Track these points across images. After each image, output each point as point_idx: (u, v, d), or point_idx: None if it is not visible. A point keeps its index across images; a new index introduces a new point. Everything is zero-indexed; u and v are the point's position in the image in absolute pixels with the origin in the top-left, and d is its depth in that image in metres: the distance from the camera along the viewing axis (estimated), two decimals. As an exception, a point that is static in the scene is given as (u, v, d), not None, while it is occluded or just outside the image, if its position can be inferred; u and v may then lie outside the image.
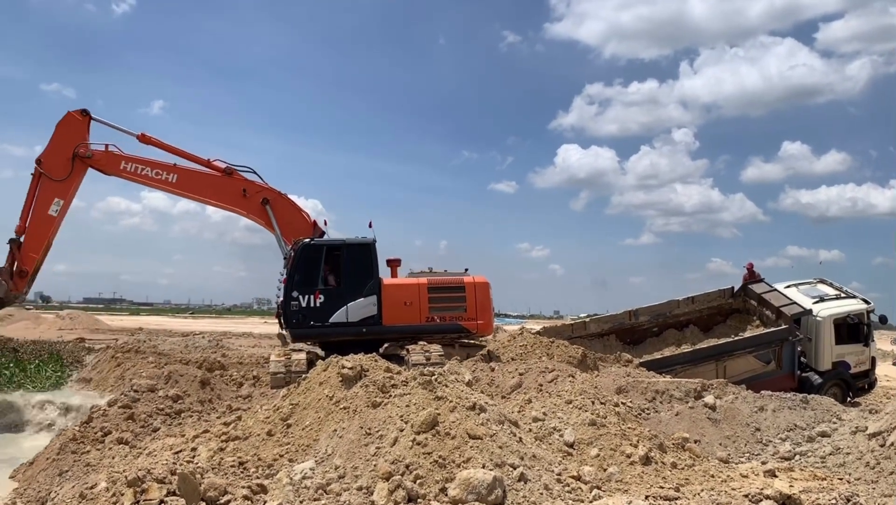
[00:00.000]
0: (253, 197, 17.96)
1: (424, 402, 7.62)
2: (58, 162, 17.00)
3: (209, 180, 18.09)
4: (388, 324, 16.45)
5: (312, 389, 8.86)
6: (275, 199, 18.11)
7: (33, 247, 17.09)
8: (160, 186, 18.13)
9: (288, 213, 18.17)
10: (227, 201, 18.27)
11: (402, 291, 16.86)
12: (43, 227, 17.09)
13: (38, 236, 17.10)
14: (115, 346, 22.83)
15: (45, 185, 17.07)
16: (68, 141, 17.20)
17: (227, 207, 18.48)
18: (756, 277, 20.24)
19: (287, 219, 18.08)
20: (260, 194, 17.99)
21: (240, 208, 18.33)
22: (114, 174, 17.77)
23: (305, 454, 7.50)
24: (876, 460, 8.84)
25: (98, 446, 10.07)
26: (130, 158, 17.79)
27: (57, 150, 17.13)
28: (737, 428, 11.02)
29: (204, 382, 13.68)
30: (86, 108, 17.64)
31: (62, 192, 17.13)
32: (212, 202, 18.63)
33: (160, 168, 17.78)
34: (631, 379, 13.64)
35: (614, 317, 20.10)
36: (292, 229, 17.81)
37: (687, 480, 7.72)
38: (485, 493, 6.25)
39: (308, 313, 15.91)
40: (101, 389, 17.86)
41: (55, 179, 16.96)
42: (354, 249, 16.47)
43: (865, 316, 19.12)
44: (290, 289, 15.92)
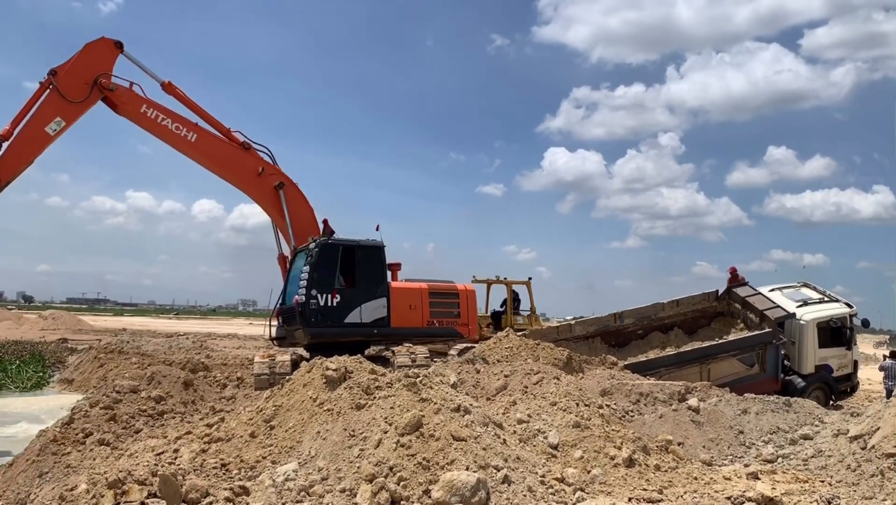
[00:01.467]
0: (267, 179, 17.17)
1: (409, 403, 7.59)
2: (74, 83, 15.74)
3: (228, 150, 17.08)
4: (395, 326, 16.61)
5: (296, 390, 8.81)
6: (289, 186, 17.38)
7: (18, 157, 15.26)
8: (176, 143, 16.72)
9: (299, 205, 17.52)
10: (241, 177, 17.31)
11: (408, 294, 17.09)
12: (34, 142, 15.44)
13: (26, 148, 15.35)
14: (98, 346, 22.69)
15: (51, 101, 15.56)
16: (92, 65, 16.01)
17: (238, 184, 17.49)
18: (740, 281, 20.36)
19: (297, 211, 17.41)
20: (275, 177, 17.21)
21: (251, 188, 17.40)
22: (127, 115, 16.53)
23: (288, 456, 7.46)
24: (857, 463, 8.89)
25: (79, 448, 9.96)
26: (154, 104, 16.60)
27: (77, 71, 15.85)
28: (720, 430, 11.07)
29: (187, 384, 13.59)
30: (122, 41, 16.38)
31: (68, 114, 15.72)
32: (225, 174, 17.48)
33: (182, 123, 16.62)
34: (615, 381, 13.67)
35: (599, 319, 20.16)
36: (300, 223, 17.26)
37: (670, 483, 7.74)
38: (468, 495, 6.24)
39: (326, 312, 15.69)
40: (83, 389, 17.72)
41: (67, 99, 15.57)
42: (368, 251, 16.51)
43: (848, 320, 19.30)
44: (311, 287, 15.56)
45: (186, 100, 16.94)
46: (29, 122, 15.32)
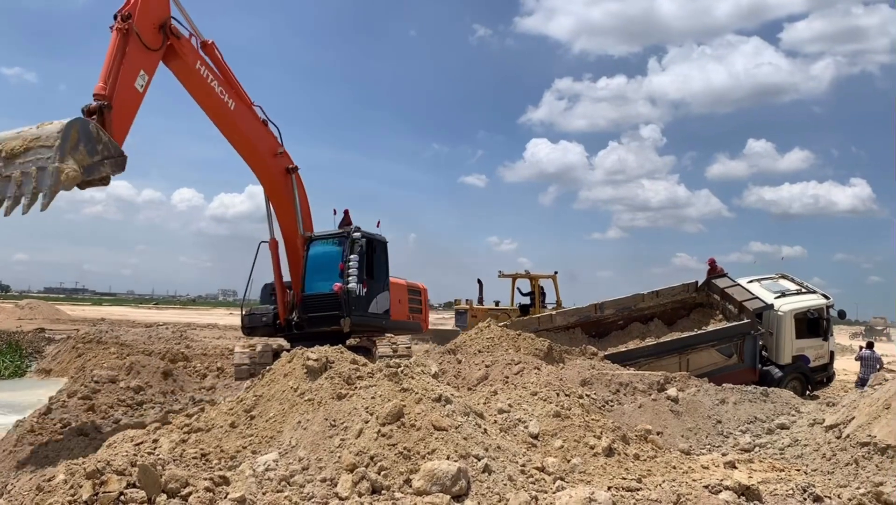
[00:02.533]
0: (282, 160, 16.38)
1: (390, 393, 7.60)
2: (148, 26, 12.85)
3: (257, 125, 15.87)
4: (393, 318, 17.39)
5: (277, 380, 8.78)
6: (297, 173, 16.79)
7: (121, 124, 12.39)
8: (214, 108, 14.87)
9: (304, 194, 17.05)
10: (261, 156, 16.10)
11: (397, 289, 18.07)
12: (131, 102, 12.59)
13: (126, 112, 12.49)
14: (76, 336, 22.47)
15: (134, 51, 12.65)
16: (157, 8, 13.18)
17: (255, 162, 16.11)
18: (719, 272, 20.52)
19: (304, 197, 16.96)
20: (287, 160, 16.50)
21: (266, 168, 16.23)
22: (178, 70, 14.09)
23: (269, 446, 7.44)
24: (832, 452, 9.03)
25: (57, 438, 9.89)
26: (205, 62, 14.49)
27: (147, 13, 12.83)
28: (698, 420, 11.18)
29: (167, 374, 13.53)
30: None
31: (149, 66, 13.01)
32: (247, 151, 15.94)
33: (226, 88, 14.91)
34: (595, 371, 13.76)
35: (580, 310, 20.24)
36: (306, 210, 16.98)
37: (649, 472, 7.82)
38: (449, 484, 6.26)
39: (360, 301, 16.09)
40: (61, 379, 17.56)
41: (147, 46, 12.80)
42: (383, 245, 17.38)
43: (825, 311, 19.53)
44: (360, 276, 15.95)
45: (223, 65, 15.16)
46: (122, 80, 12.45)
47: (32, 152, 10.51)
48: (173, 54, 13.70)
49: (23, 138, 10.58)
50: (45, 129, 10.53)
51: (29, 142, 10.54)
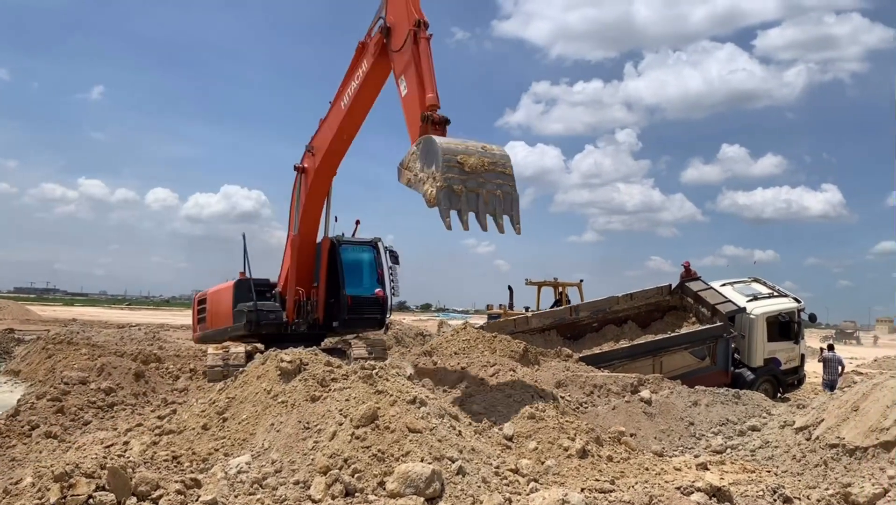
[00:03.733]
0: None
1: (364, 396, 7.57)
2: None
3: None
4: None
5: (250, 382, 8.72)
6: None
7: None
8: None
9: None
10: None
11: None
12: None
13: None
14: (46, 337, 22.11)
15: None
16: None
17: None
18: (693, 276, 20.70)
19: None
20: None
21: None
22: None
23: (241, 448, 7.38)
24: (802, 453, 9.14)
25: (25, 440, 9.73)
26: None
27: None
28: (671, 422, 11.27)
29: (138, 375, 13.35)
30: None
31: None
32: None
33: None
34: (570, 373, 13.83)
35: (556, 312, 20.34)
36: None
37: (622, 473, 7.86)
38: (423, 486, 6.25)
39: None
40: (30, 381, 17.27)
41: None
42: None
43: (796, 314, 19.76)
44: (393, 283, 16.81)
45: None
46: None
47: (490, 174, 10.94)
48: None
49: (479, 156, 10.98)
50: (495, 153, 11.09)
51: (487, 163, 10.97)
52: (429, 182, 10.76)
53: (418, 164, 11.17)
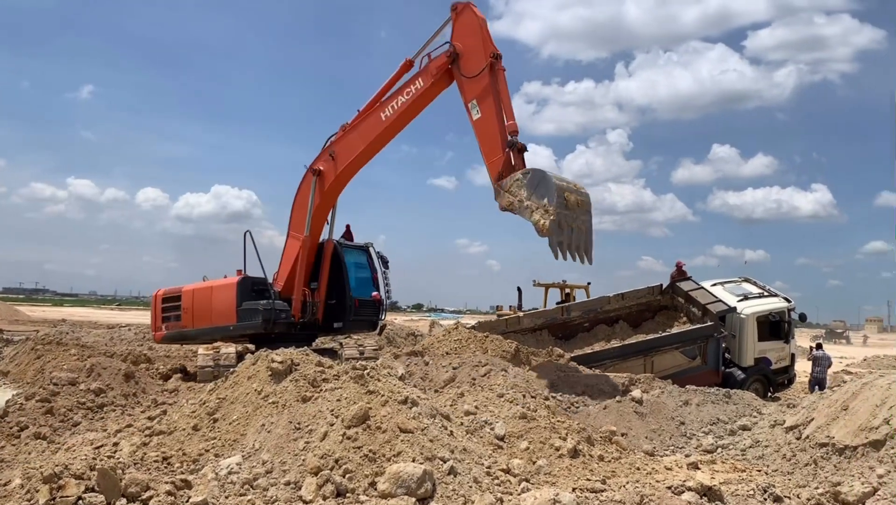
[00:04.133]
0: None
1: (356, 396, 7.56)
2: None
3: None
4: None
5: (241, 383, 8.68)
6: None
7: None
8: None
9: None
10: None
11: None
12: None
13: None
14: (35, 337, 21.97)
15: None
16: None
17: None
18: (684, 276, 20.76)
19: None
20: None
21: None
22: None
23: (232, 449, 7.36)
24: (792, 453, 9.18)
25: (13, 442, 9.65)
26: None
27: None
28: (662, 422, 11.29)
29: (128, 376, 13.26)
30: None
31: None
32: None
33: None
34: (562, 373, 13.85)
35: (547, 312, 20.37)
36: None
37: (613, 473, 7.87)
38: (414, 486, 6.25)
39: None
40: (19, 382, 17.16)
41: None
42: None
43: (786, 314, 19.84)
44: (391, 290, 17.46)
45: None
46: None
47: (580, 210, 12.49)
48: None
49: (576, 195, 12.56)
50: (583, 192, 12.88)
51: (580, 202, 12.58)
52: (539, 212, 12.20)
53: (524, 192, 12.43)
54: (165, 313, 17.31)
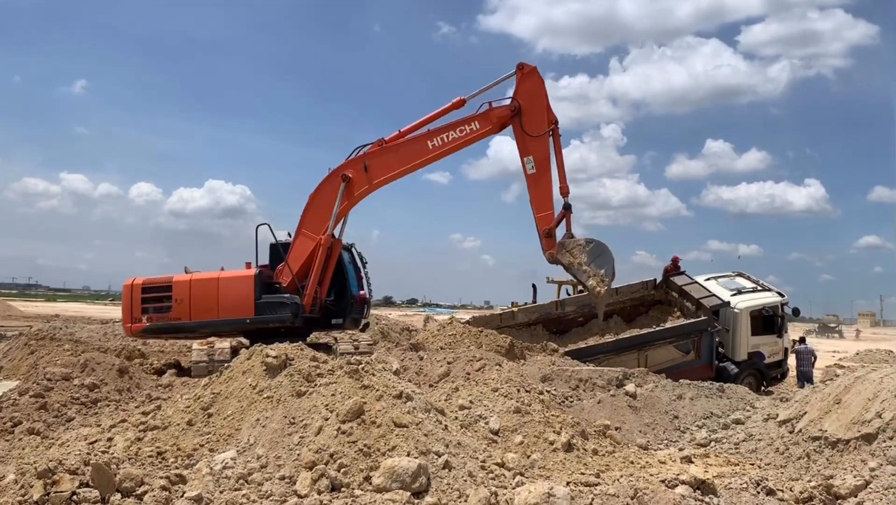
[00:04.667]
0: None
1: (350, 390, 7.56)
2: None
3: None
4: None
5: (235, 378, 8.67)
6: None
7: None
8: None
9: None
10: None
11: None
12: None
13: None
14: (28, 333, 21.91)
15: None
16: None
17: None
18: (678, 270, 20.83)
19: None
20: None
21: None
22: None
23: (227, 444, 7.35)
24: (785, 446, 9.22)
25: (7, 437, 9.64)
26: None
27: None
28: (656, 416, 11.33)
29: (122, 371, 13.23)
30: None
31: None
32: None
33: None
34: (556, 368, 13.88)
35: (542, 307, 20.41)
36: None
37: (607, 467, 7.90)
38: (409, 480, 6.26)
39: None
40: (12, 377, 17.11)
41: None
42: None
43: (780, 308, 19.94)
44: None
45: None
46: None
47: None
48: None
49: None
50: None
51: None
52: (595, 280, 15.04)
53: (585, 258, 15.04)
54: (146, 304, 16.30)
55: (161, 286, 16.39)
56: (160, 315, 16.17)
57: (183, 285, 16.24)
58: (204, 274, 16.56)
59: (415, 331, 27.83)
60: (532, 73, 16.15)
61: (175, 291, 16.15)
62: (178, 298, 16.10)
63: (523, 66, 16.14)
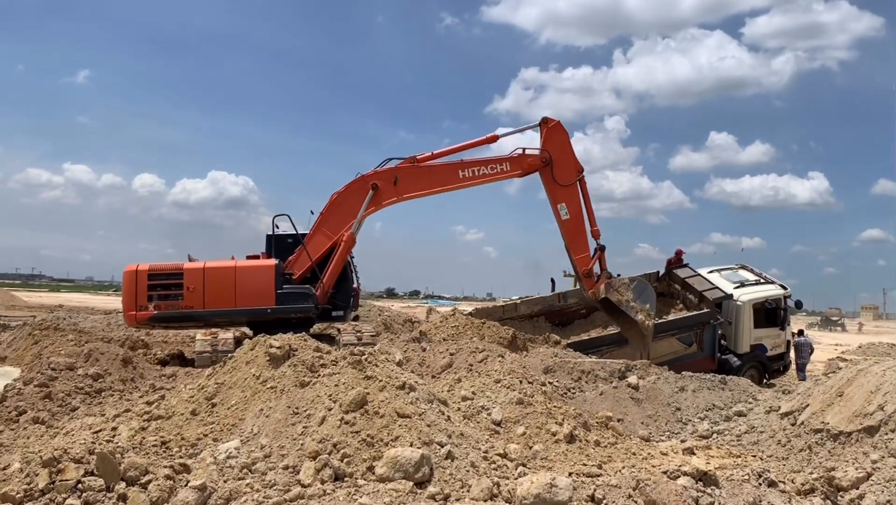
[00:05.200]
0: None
1: (354, 381, 7.59)
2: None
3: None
4: None
5: (239, 368, 8.70)
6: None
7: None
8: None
9: None
10: None
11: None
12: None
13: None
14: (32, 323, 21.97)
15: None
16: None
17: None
18: (681, 263, 20.82)
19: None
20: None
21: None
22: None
23: (230, 434, 7.38)
24: (787, 438, 9.24)
25: (12, 426, 9.69)
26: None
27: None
28: (658, 407, 11.35)
29: (126, 361, 13.29)
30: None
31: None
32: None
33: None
34: (558, 359, 13.90)
35: (544, 299, 20.41)
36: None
37: (609, 458, 7.92)
38: (412, 470, 6.28)
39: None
40: (16, 367, 17.17)
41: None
42: None
43: (782, 301, 19.93)
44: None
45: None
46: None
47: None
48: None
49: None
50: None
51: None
52: (643, 314, 16.64)
53: (631, 295, 16.90)
54: (153, 291, 15.72)
55: (170, 273, 15.83)
56: (169, 303, 15.65)
57: (195, 273, 15.76)
58: (218, 262, 16.24)
59: (417, 322, 27.88)
60: (557, 127, 17.61)
61: (187, 279, 15.65)
62: (189, 285, 15.63)
63: (548, 121, 17.66)
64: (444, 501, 6.17)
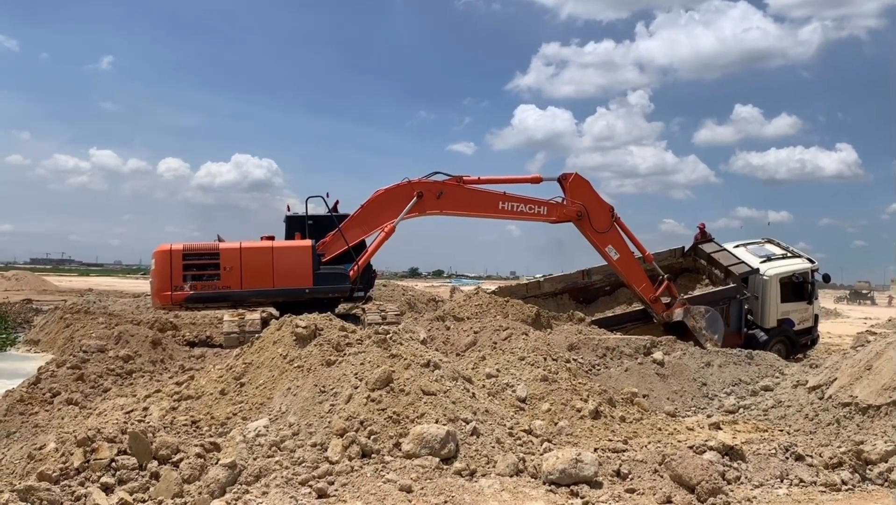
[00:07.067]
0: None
1: (379, 359, 7.66)
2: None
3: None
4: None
5: (266, 348, 8.81)
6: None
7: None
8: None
9: None
10: None
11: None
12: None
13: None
14: (63, 307, 22.38)
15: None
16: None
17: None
18: (707, 237, 20.61)
19: None
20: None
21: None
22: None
23: (259, 412, 7.49)
24: (815, 413, 9.18)
25: (46, 407, 9.90)
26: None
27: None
28: (684, 383, 11.32)
29: (155, 343, 13.49)
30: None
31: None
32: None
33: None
34: (582, 336, 13.87)
35: (568, 276, 20.31)
36: None
37: (635, 433, 7.94)
38: (438, 447, 6.35)
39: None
40: (49, 350, 17.54)
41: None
42: None
43: (810, 275, 19.65)
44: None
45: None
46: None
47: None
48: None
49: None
50: None
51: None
52: (711, 343, 16.88)
53: (703, 323, 17.74)
54: (188, 271, 15.51)
55: (206, 253, 15.72)
56: (206, 283, 15.55)
57: (232, 253, 15.69)
58: (254, 242, 16.31)
59: (441, 301, 27.96)
60: (579, 180, 18.08)
61: (223, 259, 15.59)
62: (226, 266, 15.56)
63: (567, 176, 18.08)
64: (470, 477, 6.24)
